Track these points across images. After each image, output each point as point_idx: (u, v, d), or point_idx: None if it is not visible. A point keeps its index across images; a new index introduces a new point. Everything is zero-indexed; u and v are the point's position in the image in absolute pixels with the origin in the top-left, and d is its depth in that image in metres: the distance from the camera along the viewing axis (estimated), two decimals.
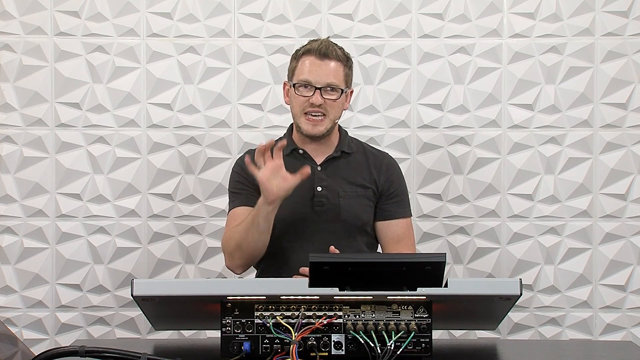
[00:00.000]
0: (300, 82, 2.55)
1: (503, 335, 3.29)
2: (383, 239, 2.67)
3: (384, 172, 2.67)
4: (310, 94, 2.54)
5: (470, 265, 3.30)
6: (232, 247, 2.53)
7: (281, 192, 2.39)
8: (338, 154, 2.65)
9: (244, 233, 2.48)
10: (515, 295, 1.78)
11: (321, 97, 2.53)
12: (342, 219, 2.58)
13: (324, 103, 2.53)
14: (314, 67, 2.55)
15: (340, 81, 2.56)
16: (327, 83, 2.54)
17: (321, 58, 2.56)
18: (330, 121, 2.57)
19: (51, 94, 3.26)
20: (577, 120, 3.28)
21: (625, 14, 3.27)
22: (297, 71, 2.58)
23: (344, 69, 2.58)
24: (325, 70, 2.55)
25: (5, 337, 1.91)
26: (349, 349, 1.79)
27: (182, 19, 3.28)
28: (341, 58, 2.58)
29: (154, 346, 2.19)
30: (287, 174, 2.39)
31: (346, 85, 2.59)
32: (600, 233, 3.27)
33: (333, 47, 2.58)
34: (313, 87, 2.53)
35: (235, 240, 2.52)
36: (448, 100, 3.29)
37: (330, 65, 2.55)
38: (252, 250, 2.52)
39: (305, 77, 2.55)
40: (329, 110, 2.55)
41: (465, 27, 3.29)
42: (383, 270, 1.79)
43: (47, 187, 3.26)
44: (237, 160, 2.73)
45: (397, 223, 2.66)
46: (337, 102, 2.56)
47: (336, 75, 2.56)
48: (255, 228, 2.46)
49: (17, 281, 3.26)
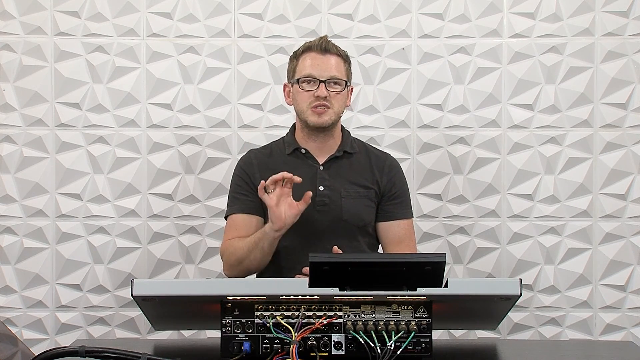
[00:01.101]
0: (304, 77, 2.57)
1: (503, 335, 3.29)
2: (384, 239, 2.68)
3: (386, 174, 2.67)
4: (314, 87, 2.55)
5: (470, 265, 3.30)
6: (233, 261, 2.57)
7: (289, 220, 2.43)
8: (340, 153, 2.65)
9: (247, 252, 2.51)
10: (515, 295, 1.78)
11: (326, 89, 2.55)
12: (343, 219, 2.58)
13: (328, 96, 2.55)
14: (317, 62, 2.57)
15: (342, 74, 2.59)
16: (330, 76, 2.56)
17: (322, 53, 2.59)
18: (335, 113, 2.59)
19: (51, 94, 3.26)
20: (577, 120, 3.28)
21: (625, 14, 3.27)
22: (298, 68, 2.60)
23: (344, 64, 2.62)
24: (328, 64, 2.57)
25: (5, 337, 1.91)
26: (349, 349, 1.79)
27: (182, 19, 3.28)
28: (341, 54, 2.62)
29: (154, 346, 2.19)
30: (294, 201, 2.42)
31: (348, 80, 2.61)
32: (600, 233, 3.27)
33: (332, 44, 2.62)
34: (317, 81, 2.55)
35: (237, 256, 2.55)
36: (448, 100, 3.29)
37: (331, 59, 2.59)
38: (255, 266, 2.56)
39: (308, 71, 2.57)
40: (334, 102, 2.57)
41: (465, 27, 3.29)
42: (383, 270, 1.79)
43: (47, 187, 3.26)
44: (239, 161, 2.73)
45: (398, 224, 2.66)
46: (340, 95, 2.58)
47: (338, 68, 2.58)
48: (260, 250, 2.49)
49: (17, 281, 3.26)
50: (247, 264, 2.53)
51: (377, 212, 2.65)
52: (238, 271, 2.57)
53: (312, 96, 2.55)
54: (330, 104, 2.56)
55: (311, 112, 2.57)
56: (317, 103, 2.56)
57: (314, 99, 2.55)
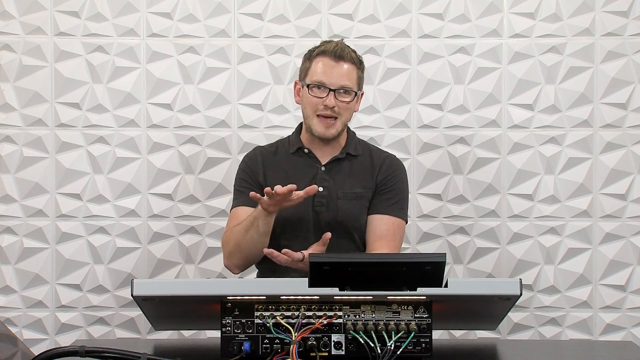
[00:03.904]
0: (314, 83, 2.56)
1: (503, 335, 3.29)
2: (366, 235, 2.64)
3: (384, 171, 2.66)
4: (323, 95, 2.55)
5: (470, 265, 3.30)
6: (231, 246, 2.55)
7: (286, 203, 2.38)
8: (343, 155, 2.65)
9: (243, 233, 2.49)
10: (515, 295, 1.78)
11: (335, 99, 2.54)
12: (339, 220, 2.58)
13: (336, 106, 2.54)
14: (328, 69, 2.56)
15: (353, 84, 2.57)
16: (340, 85, 2.55)
17: (336, 60, 2.56)
18: (342, 124, 2.59)
19: (51, 94, 3.26)
20: (577, 120, 3.28)
21: (625, 14, 3.27)
22: (310, 72, 2.59)
23: (357, 71, 2.59)
24: (339, 73, 2.55)
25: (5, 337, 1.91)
26: (349, 349, 1.79)
27: (182, 19, 3.28)
28: (355, 61, 2.59)
29: (154, 346, 2.19)
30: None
31: (358, 88, 2.60)
32: (600, 233, 3.27)
33: (348, 50, 2.59)
34: (327, 89, 2.54)
35: (235, 239, 2.53)
36: (448, 100, 3.29)
37: (344, 67, 2.56)
38: (251, 250, 2.52)
39: (319, 78, 2.56)
40: (342, 113, 2.57)
41: (465, 27, 3.29)
42: (383, 270, 1.79)
43: (47, 187, 3.26)
44: (244, 156, 2.74)
45: (381, 219, 2.62)
46: (349, 105, 2.58)
47: (349, 77, 2.56)
48: (255, 229, 2.46)
49: (17, 281, 3.26)
50: (244, 247, 2.50)
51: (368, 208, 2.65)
52: (237, 258, 2.55)
53: (321, 103, 2.55)
54: (338, 114, 2.56)
55: (317, 121, 2.56)
56: (324, 112, 2.55)
57: (322, 106, 2.55)
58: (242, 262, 2.58)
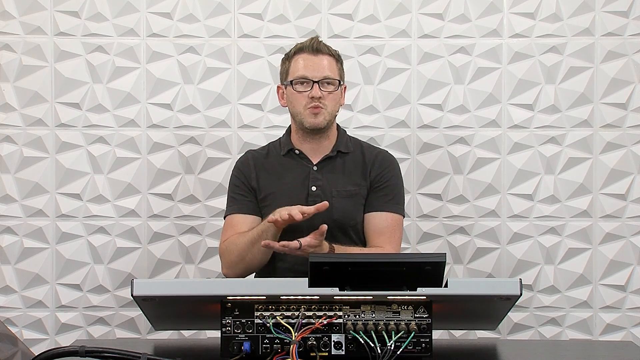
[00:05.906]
0: (297, 78, 2.59)
1: (503, 335, 3.29)
2: (366, 232, 2.65)
3: (377, 167, 2.67)
4: (308, 88, 2.57)
5: (470, 265, 3.30)
6: (234, 258, 2.56)
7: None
8: (334, 153, 2.66)
9: (249, 246, 2.51)
10: (515, 295, 1.78)
11: (319, 90, 2.56)
12: (334, 218, 2.58)
13: (322, 96, 2.57)
14: (309, 62, 2.59)
15: (335, 74, 2.61)
16: (323, 76, 2.58)
17: (314, 53, 2.61)
18: (329, 114, 2.60)
19: (51, 94, 3.26)
20: (577, 120, 3.28)
21: (625, 14, 3.27)
22: (291, 70, 2.62)
23: (337, 64, 2.64)
24: (320, 64, 2.59)
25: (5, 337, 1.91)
26: (349, 349, 1.79)
27: (182, 19, 3.28)
28: (333, 53, 2.64)
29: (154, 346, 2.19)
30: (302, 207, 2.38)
31: (341, 79, 2.63)
32: (600, 233, 3.27)
33: (324, 44, 2.64)
34: (311, 82, 2.57)
35: (238, 252, 2.54)
36: (448, 100, 3.29)
37: (324, 59, 2.61)
38: (256, 263, 2.55)
39: (301, 73, 2.59)
40: (327, 103, 2.59)
41: (465, 27, 3.29)
42: (383, 270, 1.79)
43: (47, 187, 3.26)
44: (237, 161, 2.74)
45: (380, 216, 2.63)
46: (334, 95, 2.60)
47: (331, 68, 2.60)
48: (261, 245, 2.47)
49: (17, 281, 3.26)
50: (249, 259, 2.52)
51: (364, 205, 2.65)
52: (239, 269, 2.56)
53: (307, 97, 2.57)
54: (324, 104, 2.58)
55: (308, 113, 2.58)
56: (312, 104, 2.57)
57: (309, 100, 2.57)
58: (244, 273, 2.60)
